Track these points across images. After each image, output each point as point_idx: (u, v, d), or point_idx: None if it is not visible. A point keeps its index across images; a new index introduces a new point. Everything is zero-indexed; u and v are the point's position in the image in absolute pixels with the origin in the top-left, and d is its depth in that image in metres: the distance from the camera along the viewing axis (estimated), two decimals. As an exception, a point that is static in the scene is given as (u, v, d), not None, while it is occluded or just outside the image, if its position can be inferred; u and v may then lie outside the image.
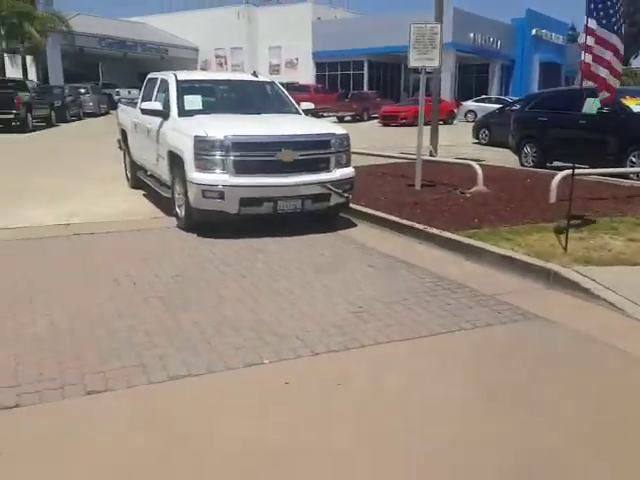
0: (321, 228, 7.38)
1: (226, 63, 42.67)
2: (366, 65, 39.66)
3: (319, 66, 40.88)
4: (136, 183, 9.96)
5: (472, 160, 10.45)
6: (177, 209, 7.44)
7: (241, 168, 6.73)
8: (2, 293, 5.09)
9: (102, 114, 31.61)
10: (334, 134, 7.24)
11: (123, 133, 10.35)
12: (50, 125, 23.86)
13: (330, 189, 7.12)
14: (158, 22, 44.67)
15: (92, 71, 41.73)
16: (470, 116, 33.62)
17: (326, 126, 7.69)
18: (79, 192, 9.71)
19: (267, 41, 39.76)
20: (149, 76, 9.47)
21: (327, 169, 7.16)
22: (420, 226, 7.02)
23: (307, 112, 8.40)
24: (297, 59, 40.27)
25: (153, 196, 8.95)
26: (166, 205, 8.09)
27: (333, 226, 7.52)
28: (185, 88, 7.97)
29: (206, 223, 6.98)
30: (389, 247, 6.74)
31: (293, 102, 8.49)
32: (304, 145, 6.97)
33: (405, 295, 5.13)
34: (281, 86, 8.77)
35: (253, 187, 6.74)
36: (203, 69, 43.18)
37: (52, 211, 8.27)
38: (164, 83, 8.33)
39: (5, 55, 29.95)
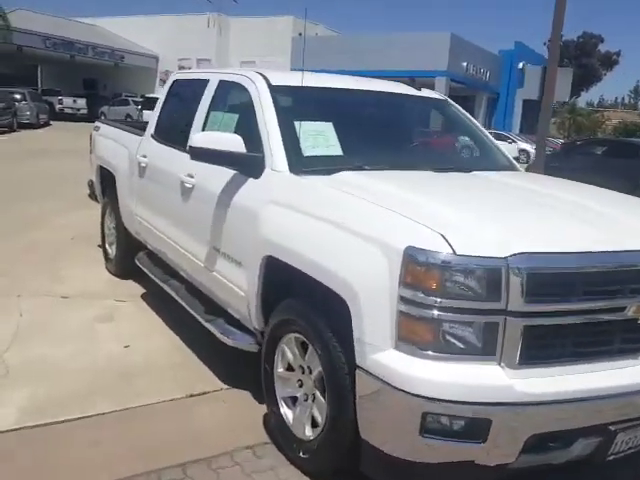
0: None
1: (190, 76, 37.62)
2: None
3: (295, 85, 36.36)
4: (125, 268, 5.34)
5: None
6: (284, 411, 2.90)
7: (542, 346, 2.26)
8: None
9: (41, 125, 26.10)
10: None
11: (105, 175, 5.64)
12: (-29, 138, 18.33)
13: None
14: (113, 26, 39.14)
15: (29, 75, 35.89)
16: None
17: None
18: (9, 290, 4.93)
19: (239, 54, 35.06)
20: (178, 76, 4.85)
21: None
22: None
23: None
24: (272, 77, 35.88)
25: (169, 307, 4.38)
26: (209, 342, 3.60)
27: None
28: (291, 109, 3.45)
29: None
30: None
31: (494, 142, 4.08)
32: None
33: None
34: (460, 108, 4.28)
35: (570, 403, 2.25)
36: (163, 81, 38.17)
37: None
38: (237, 93, 3.74)
39: None
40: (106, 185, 5.71)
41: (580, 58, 54.87)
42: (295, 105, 3.52)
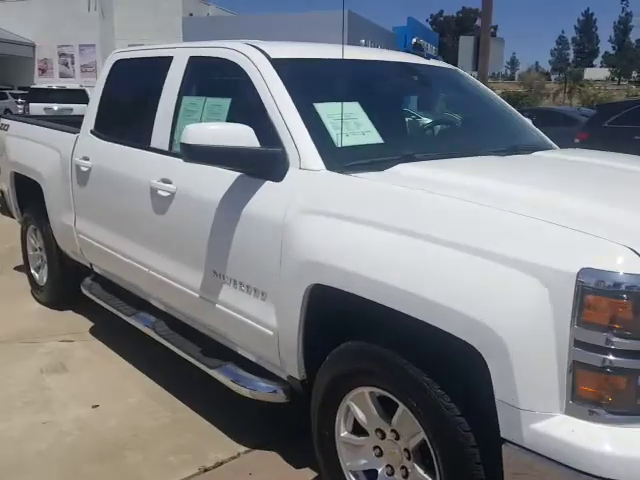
0: None
1: (73, 63, 34.61)
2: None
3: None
4: (62, 297, 4.38)
5: None
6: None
7: None
8: None
9: None
10: None
11: (23, 184, 4.55)
12: None
13: None
14: (-23, 12, 35.41)
15: None
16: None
17: None
18: None
19: (126, 38, 32.84)
20: (122, 55, 3.85)
21: None
22: None
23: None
24: (163, 61, 33.78)
25: (130, 344, 3.53)
26: (201, 387, 2.88)
27: None
28: (304, 87, 2.67)
29: None
30: None
31: (522, 117, 3.49)
32: None
33: None
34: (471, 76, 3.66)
35: None
36: (42, 70, 35.14)
37: None
38: (222, 72, 2.93)
39: None
40: (26, 197, 4.63)
41: (460, 32, 58.33)
42: (306, 83, 2.74)
